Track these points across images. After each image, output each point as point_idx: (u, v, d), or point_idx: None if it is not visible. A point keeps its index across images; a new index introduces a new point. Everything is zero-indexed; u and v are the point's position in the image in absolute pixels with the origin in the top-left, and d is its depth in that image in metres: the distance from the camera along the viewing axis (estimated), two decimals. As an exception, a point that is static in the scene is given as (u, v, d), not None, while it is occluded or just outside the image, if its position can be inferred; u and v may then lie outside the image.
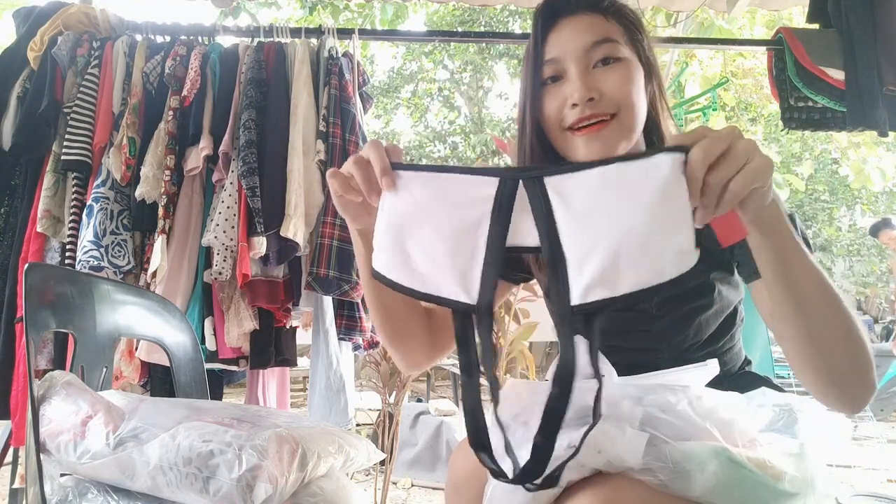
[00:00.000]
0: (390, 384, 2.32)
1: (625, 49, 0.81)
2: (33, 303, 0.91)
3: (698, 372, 0.75)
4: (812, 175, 9.06)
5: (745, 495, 0.64)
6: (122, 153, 1.75)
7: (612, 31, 0.81)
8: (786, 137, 8.59)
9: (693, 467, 0.63)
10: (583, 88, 0.78)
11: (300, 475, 0.84)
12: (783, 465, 0.66)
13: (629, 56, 0.81)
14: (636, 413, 0.68)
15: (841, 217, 10.51)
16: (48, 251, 1.76)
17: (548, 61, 0.81)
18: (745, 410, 0.74)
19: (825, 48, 2.23)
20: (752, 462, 0.65)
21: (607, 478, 0.67)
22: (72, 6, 1.94)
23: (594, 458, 0.67)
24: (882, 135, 2.21)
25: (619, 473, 0.66)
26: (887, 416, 4.85)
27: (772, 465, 0.65)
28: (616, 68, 0.79)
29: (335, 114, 1.82)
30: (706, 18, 3.26)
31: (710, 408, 0.69)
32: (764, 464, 0.65)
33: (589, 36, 0.80)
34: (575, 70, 0.79)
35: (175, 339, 1.31)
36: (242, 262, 1.69)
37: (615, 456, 0.66)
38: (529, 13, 8.42)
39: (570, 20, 0.81)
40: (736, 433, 0.69)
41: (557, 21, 0.82)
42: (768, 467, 0.65)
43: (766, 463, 0.65)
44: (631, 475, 0.65)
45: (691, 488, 0.63)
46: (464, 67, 10.45)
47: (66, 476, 0.89)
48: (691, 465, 0.63)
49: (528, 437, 0.74)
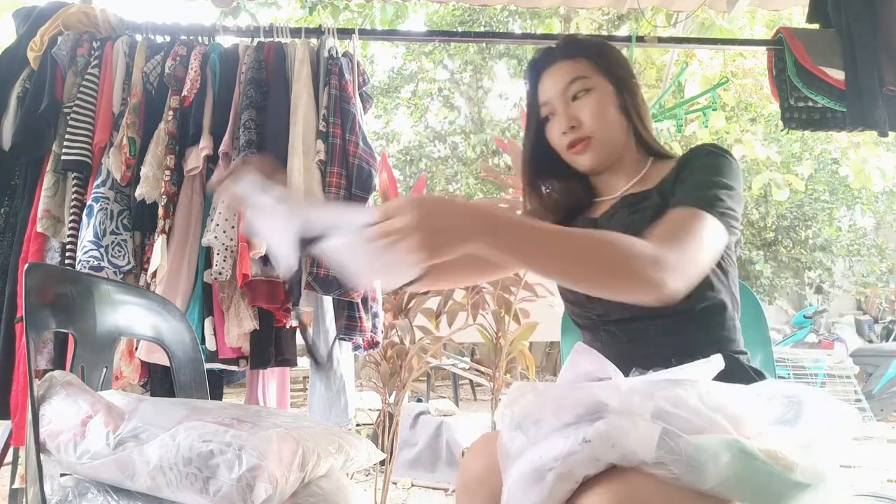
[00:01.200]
0: (390, 384, 2.32)
1: (593, 78, 1.04)
2: (33, 303, 0.91)
3: (703, 367, 0.76)
4: (812, 175, 9.05)
5: (758, 486, 0.65)
6: (122, 153, 1.75)
7: (580, 68, 1.05)
8: (786, 137, 8.57)
9: (706, 459, 0.64)
10: (566, 121, 1.04)
11: (300, 475, 0.84)
12: (794, 456, 0.66)
13: (597, 82, 1.04)
14: (647, 407, 0.69)
15: (841, 217, 10.49)
16: (48, 251, 1.76)
17: (543, 104, 1.08)
18: (754, 403, 0.75)
19: (825, 48, 2.23)
20: (765, 453, 0.65)
21: (621, 472, 0.68)
22: (72, 6, 1.94)
23: (608, 453, 0.68)
24: (882, 135, 2.21)
25: (633, 468, 0.67)
26: (887, 416, 4.85)
27: (783, 456, 0.66)
28: (586, 101, 1.04)
29: (335, 114, 1.82)
30: (706, 18, 3.25)
31: (719, 402, 0.70)
32: (776, 455, 0.66)
33: (564, 79, 1.05)
34: (560, 107, 1.05)
35: (175, 339, 1.31)
36: (242, 262, 1.69)
37: (629, 449, 0.66)
38: (529, 13, 8.44)
39: (550, 71, 1.07)
40: (746, 426, 0.69)
41: (542, 74, 1.08)
42: (780, 458, 0.66)
43: (778, 454, 0.66)
44: (645, 469, 0.66)
45: (705, 480, 0.64)
46: (464, 67, 10.45)
47: (66, 476, 0.89)
48: (704, 458, 0.64)
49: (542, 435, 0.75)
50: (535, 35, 7.94)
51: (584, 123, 1.04)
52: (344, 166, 1.80)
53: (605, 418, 0.70)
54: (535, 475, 0.71)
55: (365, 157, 1.83)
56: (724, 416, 0.68)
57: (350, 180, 1.81)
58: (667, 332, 0.96)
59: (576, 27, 7.50)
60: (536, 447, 0.74)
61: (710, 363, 0.76)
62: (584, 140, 1.04)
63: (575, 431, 0.71)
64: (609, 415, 0.70)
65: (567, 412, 0.75)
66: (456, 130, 10.74)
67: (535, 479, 0.71)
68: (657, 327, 0.97)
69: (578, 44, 1.09)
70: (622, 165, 1.08)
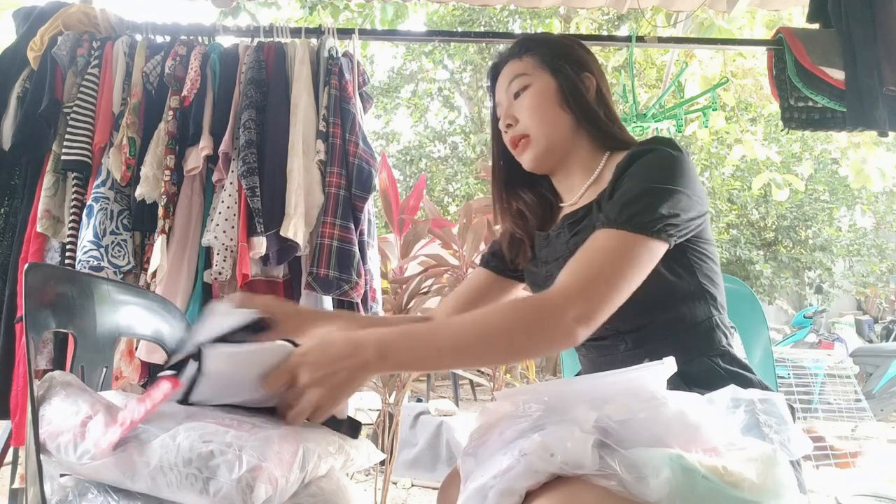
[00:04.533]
0: (390, 384, 2.32)
1: (534, 74, 1.02)
2: (33, 303, 0.91)
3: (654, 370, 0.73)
4: (812, 175, 9.06)
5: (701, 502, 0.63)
6: (122, 153, 1.75)
7: (523, 66, 1.04)
8: (786, 137, 8.58)
9: (647, 474, 0.63)
10: (504, 119, 1.05)
11: (300, 475, 0.83)
12: (745, 471, 0.65)
13: (538, 78, 1.02)
14: (590, 417, 0.68)
15: (841, 217, 10.50)
16: (48, 251, 1.76)
17: (497, 106, 1.08)
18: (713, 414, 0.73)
19: (825, 48, 2.23)
20: (708, 469, 0.64)
21: (565, 482, 0.67)
22: (72, 6, 1.94)
23: (546, 463, 0.66)
24: (882, 135, 2.21)
25: (577, 478, 0.66)
26: (887, 416, 4.86)
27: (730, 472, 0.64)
28: (522, 99, 1.03)
29: (335, 114, 1.82)
30: (706, 18, 3.25)
31: (676, 412, 0.69)
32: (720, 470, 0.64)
33: (507, 78, 1.05)
34: (503, 108, 1.06)
35: (175, 339, 1.31)
36: (242, 262, 1.69)
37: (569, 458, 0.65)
38: (529, 13, 8.45)
39: (502, 72, 1.07)
40: (702, 437, 0.68)
41: (497, 76, 1.09)
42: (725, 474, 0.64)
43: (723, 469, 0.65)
44: (590, 480, 0.65)
45: (648, 494, 0.63)
46: (464, 67, 10.45)
47: (66, 476, 0.89)
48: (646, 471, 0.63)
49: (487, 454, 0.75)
50: (535, 35, 7.93)
51: (520, 120, 1.02)
52: (344, 166, 1.80)
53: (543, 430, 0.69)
54: (478, 495, 0.70)
55: (365, 157, 1.83)
56: (680, 427, 0.67)
57: (350, 180, 1.81)
58: (638, 346, 0.94)
59: (576, 27, 7.50)
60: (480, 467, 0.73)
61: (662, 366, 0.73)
62: (522, 138, 1.03)
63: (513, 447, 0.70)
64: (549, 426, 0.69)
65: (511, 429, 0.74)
66: (456, 130, 10.75)
67: (478, 499, 0.70)
68: (627, 342, 0.95)
69: (526, 41, 1.07)
70: (575, 163, 1.03)
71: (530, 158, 1.03)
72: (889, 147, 4.10)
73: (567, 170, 1.04)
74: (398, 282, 2.39)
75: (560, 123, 1.01)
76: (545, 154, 1.02)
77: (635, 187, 0.87)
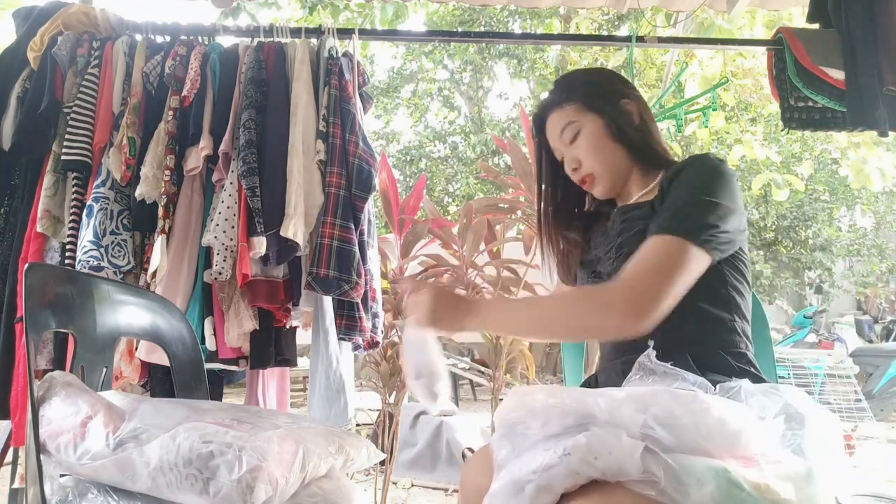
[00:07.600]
0: (390, 384, 2.32)
1: (581, 119, 1.14)
2: (33, 303, 0.91)
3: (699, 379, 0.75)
4: (812, 175, 9.04)
5: None
6: (122, 153, 1.75)
7: (568, 114, 1.15)
8: (786, 137, 8.57)
9: (690, 482, 0.62)
10: (569, 163, 1.17)
11: (300, 476, 0.84)
12: (785, 491, 0.64)
13: (586, 121, 1.13)
14: (637, 420, 0.67)
15: (841, 217, 10.50)
16: (48, 251, 1.76)
17: (554, 150, 1.20)
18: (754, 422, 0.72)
19: (825, 48, 2.22)
20: (752, 485, 0.63)
21: (602, 487, 0.66)
22: (72, 6, 1.94)
23: (588, 466, 0.66)
24: (882, 135, 2.20)
25: (615, 483, 0.66)
26: (887, 416, 4.85)
27: (773, 490, 0.63)
28: (579, 143, 1.14)
29: (335, 114, 1.82)
30: (706, 18, 3.25)
31: (717, 418, 0.68)
32: (765, 488, 0.63)
33: (558, 128, 1.16)
34: (563, 152, 1.18)
35: (175, 339, 1.31)
36: (242, 262, 1.68)
37: (612, 463, 0.65)
38: (529, 13, 8.44)
39: (548, 122, 1.19)
40: (745, 445, 0.67)
41: (544, 125, 1.20)
42: (770, 492, 0.63)
43: (767, 487, 0.64)
44: (627, 486, 0.65)
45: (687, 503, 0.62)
46: (464, 67, 10.46)
47: (66, 476, 0.89)
48: (689, 480, 0.62)
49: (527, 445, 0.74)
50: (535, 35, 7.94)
51: (583, 162, 1.14)
52: (344, 166, 1.80)
53: (588, 430, 0.68)
54: (513, 487, 0.70)
55: (365, 156, 1.83)
56: (721, 435, 0.66)
57: (350, 180, 1.81)
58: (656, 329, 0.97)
59: (576, 27, 7.50)
60: (519, 458, 0.73)
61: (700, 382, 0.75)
62: (588, 177, 1.15)
63: (556, 443, 0.69)
64: (594, 427, 0.69)
65: (555, 422, 0.73)
66: (456, 130, 10.74)
67: (513, 491, 0.69)
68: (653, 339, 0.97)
69: (563, 89, 1.19)
70: (634, 184, 1.16)
71: (601, 192, 1.16)
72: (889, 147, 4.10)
73: (628, 190, 1.17)
74: (398, 282, 2.39)
75: (616, 156, 1.13)
76: (612, 186, 1.15)
77: (684, 196, 0.97)
